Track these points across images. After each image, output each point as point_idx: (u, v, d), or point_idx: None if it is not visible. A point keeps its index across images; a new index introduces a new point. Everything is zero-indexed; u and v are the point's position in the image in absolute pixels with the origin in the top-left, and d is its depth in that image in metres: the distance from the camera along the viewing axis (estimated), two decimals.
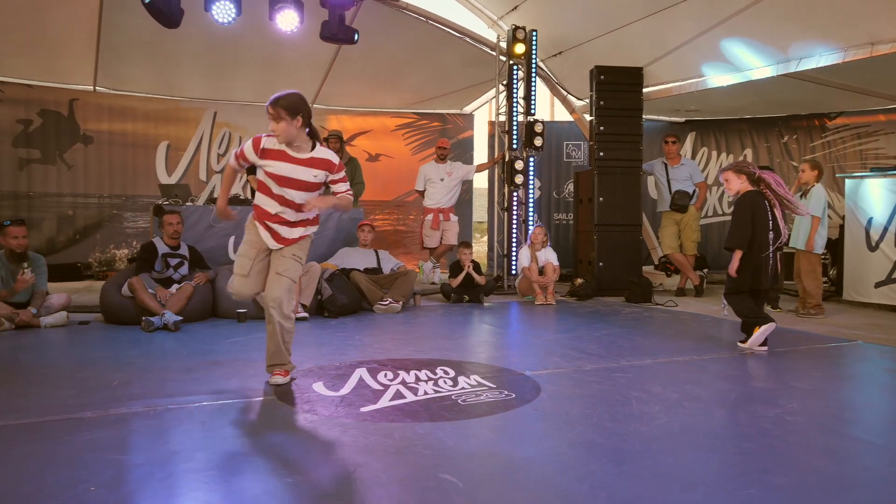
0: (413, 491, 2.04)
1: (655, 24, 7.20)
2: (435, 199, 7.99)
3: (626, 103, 7.83)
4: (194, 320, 5.43)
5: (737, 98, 8.52)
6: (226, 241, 6.51)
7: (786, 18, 6.37)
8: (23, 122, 8.56)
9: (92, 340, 4.71)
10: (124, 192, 9.20)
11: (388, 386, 3.31)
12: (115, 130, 9.11)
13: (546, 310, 6.54)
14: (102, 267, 8.81)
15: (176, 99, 9.45)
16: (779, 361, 4.05)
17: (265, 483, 2.09)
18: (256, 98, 9.75)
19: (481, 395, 3.16)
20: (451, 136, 10.32)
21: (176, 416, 2.82)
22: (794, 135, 9.57)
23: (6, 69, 8.30)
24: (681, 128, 10.05)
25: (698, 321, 5.80)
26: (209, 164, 9.64)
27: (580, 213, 8.47)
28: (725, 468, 2.25)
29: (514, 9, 8.16)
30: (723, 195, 10.00)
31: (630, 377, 3.58)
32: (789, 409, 2.98)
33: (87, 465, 2.21)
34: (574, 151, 10.17)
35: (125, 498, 1.97)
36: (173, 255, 5.66)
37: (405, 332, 5.12)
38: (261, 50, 8.25)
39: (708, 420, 2.82)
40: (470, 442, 2.51)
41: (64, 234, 8.85)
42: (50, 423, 2.69)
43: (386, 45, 8.39)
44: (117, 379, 3.44)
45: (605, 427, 2.67)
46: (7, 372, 3.51)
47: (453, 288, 6.99)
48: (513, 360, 4.01)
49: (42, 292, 5.30)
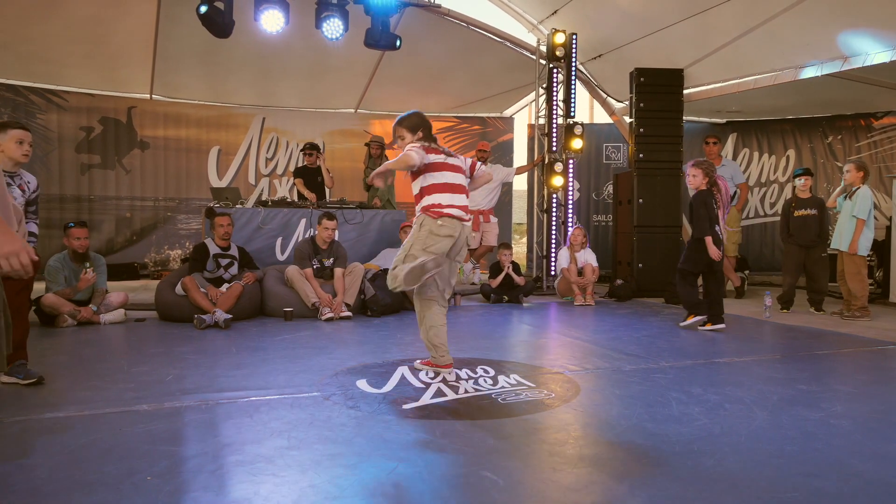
0: (454, 487, 2.07)
1: (696, 25, 7.11)
2: (475, 201, 8.02)
3: (666, 105, 7.77)
4: (243, 318, 5.61)
5: (779, 98, 8.33)
6: (273, 241, 6.71)
7: (831, 16, 6.22)
8: (85, 129, 8.97)
9: (148, 337, 4.89)
10: (178, 195, 9.54)
11: (429, 384, 3.37)
12: (169, 136, 9.47)
13: (585, 310, 6.51)
14: (157, 267, 9.15)
15: (227, 105, 9.76)
16: (823, 364, 3.97)
17: (311, 476, 2.16)
18: (302, 104, 10.01)
19: (521, 395, 3.19)
20: (491, 139, 10.37)
21: (226, 409, 2.91)
22: (839, 135, 9.28)
23: (70, 79, 8.72)
24: (722, 129, 9.86)
25: (739, 322, 5.70)
26: (258, 168, 9.91)
27: (619, 215, 8.41)
28: (767, 471, 2.22)
29: (553, 13, 8.17)
30: (764, 196, 9.77)
31: (670, 378, 3.56)
32: (834, 412, 2.93)
33: (144, 456, 2.31)
34: (613, 153, 10.08)
35: (179, 488, 2.05)
36: (224, 256, 5.85)
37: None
38: (307, 57, 8.45)
39: (749, 422, 2.78)
40: (510, 440, 2.54)
41: (122, 235, 9.22)
42: (109, 414, 2.81)
43: (428, 51, 8.50)
44: (171, 374, 3.58)
45: (645, 428, 2.67)
46: (70, 366, 3.68)
47: (493, 288, 7.03)
48: (552, 360, 4.03)
49: (102, 290, 5.54)
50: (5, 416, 2.78)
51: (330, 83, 9.38)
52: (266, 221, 6.67)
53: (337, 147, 10.12)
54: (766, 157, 9.82)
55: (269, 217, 6.69)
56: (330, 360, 3.96)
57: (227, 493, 2.02)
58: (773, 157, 9.76)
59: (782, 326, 5.55)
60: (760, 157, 9.84)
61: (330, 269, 6.00)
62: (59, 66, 8.32)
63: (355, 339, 4.84)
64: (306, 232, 6.75)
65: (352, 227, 6.99)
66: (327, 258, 6.02)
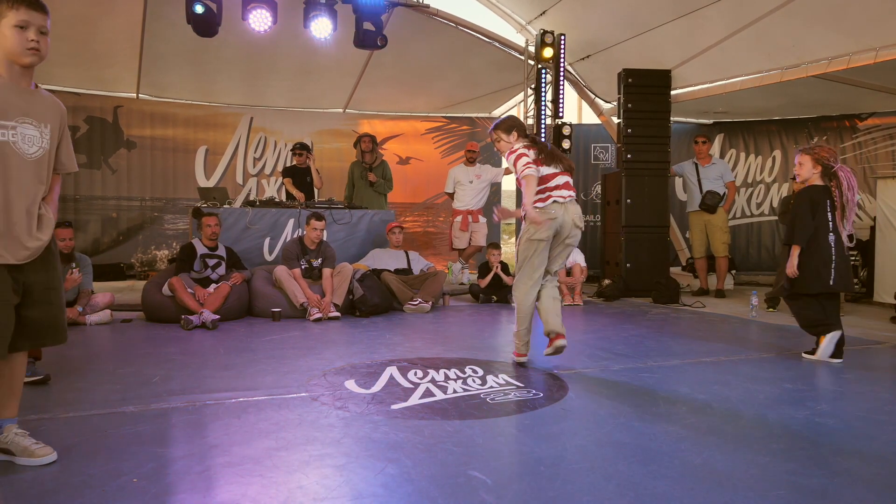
0: (442, 487, 2.08)
1: (684, 26, 7.16)
2: (464, 202, 8.06)
3: (653, 105, 7.82)
4: (231, 319, 5.58)
5: (766, 99, 8.41)
6: (261, 242, 6.68)
7: (817, 19, 6.28)
8: (70, 129, 8.84)
9: (134, 338, 4.86)
10: (165, 195, 9.47)
11: (417, 384, 3.37)
12: (156, 136, 9.39)
13: (573, 310, 6.54)
14: (144, 267, 9.07)
15: (214, 105, 9.70)
16: (808, 363, 4.00)
17: (299, 477, 2.16)
18: (291, 104, 9.96)
19: (509, 394, 3.21)
20: (479, 139, 10.36)
21: (213, 411, 2.90)
22: (824, 136, 9.37)
23: (55, 78, 8.62)
24: (709, 129, 9.93)
25: (726, 322, 5.74)
26: (245, 168, 9.86)
27: (608, 215, 8.46)
28: (753, 469, 2.24)
29: (542, 13, 8.20)
30: (751, 196, 9.85)
31: (657, 378, 3.58)
32: (819, 410, 2.96)
33: (130, 458, 2.29)
34: (602, 154, 10.13)
35: (166, 489, 2.04)
36: (211, 256, 5.82)
37: (434, 331, 5.18)
38: (295, 57, 8.42)
39: (736, 421, 2.82)
40: (498, 440, 2.55)
41: (108, 235, 9.14)
42: (94, 416, 2.80)
43: (416, 51, 8.50)
44: (158, 375, 3.56)
45: (633, 427, 2.69)
46: (55, 367, 3.65)
47: (482, 288, 7.04)
48: (540, 360, 4.04)
49: (87, 291, 5.50)
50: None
51: (318, 83, 9.35)
52: (254, 221, 6.64)
53: (325, 147, 10.09)
54: (752, 157, 9.90)
55: (256, 217, 6.66)
56: (318, 361, 3.95)
57: (214, 495, 2.01)
58: (759, 157, 9.84)
59: (769, 326, 5.59)
60: (747, 157, 9.92)
61: (318, 270, 5.98)
62: (45, 65, 8.02)
63: (344, 339, 4.83)
64: (294, 232, 6.73)
65: (340, 228, 6.97)
66: (315, 258, 6.00)
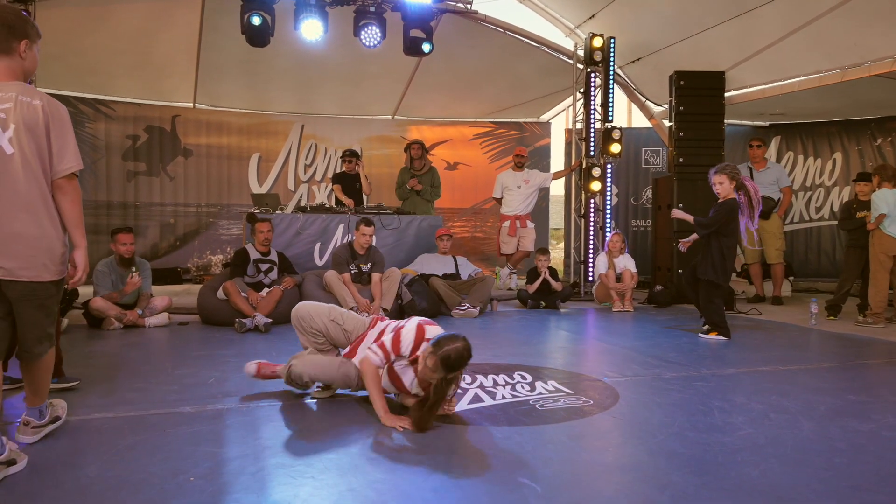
0: (492, 494, 2.07)
1: (738, 27, 6.97)
2: (512, 207, 8.02)
3: (706, 108, 7.64)
4: (283, 322, 5.65)
5: (825, 100, 8.09)
6: (312, 247, 6.81)
7: (880, 16, 6.02)
8: (131, 138, 9.25)
9: (190, 340, 5.01)
10: (220, 202, 9.75)
11: (466, 390, 3.37)
12: (212, 144, 9.69)
13: (623, 317, 6.43)
14: (200, 271, 9.35)
15: (267, 113, 9.95)
16: (873, 374, 3.83)
17: (349, 480, 2.18)
18: (341, 111, 10.14)
19: (559, 401, 3.17)
20: (528, 144, 10.33)
21: (266, 412, 2.96)
22: (889, 137, 8.95)
23: (117, 89, 9.01)
24: (765, 132, 9.61)
25: (784, 330, 5.55)
26: (297, 175, 10.07)
27: (659, 220, 8.28)
28: (815, 483, 2.15)
29: (591, 17, 8.11)
30: (809, 200, 9.49)
31: (711, 386, 3.49)
32: (886, 423, 2.83)
33: (187, 457, 2.36)
34: (652, 158, 9.94)
35: (221, 489, 2.09)
36: (264, 261, 5.95)
37: (483, 336, 5.17)
38: (345, 65, 8.56)
39: (795, 433, 2.71)
40: (548, 447, 2.52)
41: (166, 240, 9.46)
42: (154, 416, 2.89)
43: (464, 57, 8.53)
44: (213, 376, 3.66)
45: (687, 436, 2.62)
46: (116, 368, 3.79)
47: (530, 294, 6.99)
48: (590, 367, 3.99)
49: (147, 295, 5.69)
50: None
51: (367, 90, 9.49)
52: (305, 227, 6.78)
53: (374, 153, 10.22)
54: (811, 160, 9.53)
55: (307, 223, 6.79)
56: None
57: (267, 496, 2.05)
58: (818, 160, 9.47)
59: (829, 334, 5.37)
60: (805, 160, 9.56)
61: (367, 274, 6.05)
62: (108, 77, 8.60)
63: None
64: (344, 237, 6.83)
65: (389, 233, 7.04)
66: (365, 263, 6.08)
